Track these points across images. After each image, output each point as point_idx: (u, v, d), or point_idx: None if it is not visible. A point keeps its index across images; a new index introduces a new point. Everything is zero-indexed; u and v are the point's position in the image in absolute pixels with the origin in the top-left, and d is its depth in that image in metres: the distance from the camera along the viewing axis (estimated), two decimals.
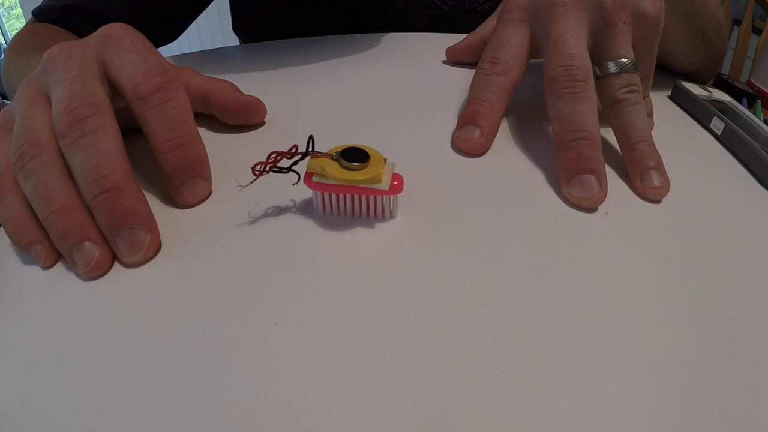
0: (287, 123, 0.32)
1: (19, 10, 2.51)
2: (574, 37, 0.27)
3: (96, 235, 0.21)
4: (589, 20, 0.27)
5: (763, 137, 0.31)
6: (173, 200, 0.25)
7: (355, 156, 0.22)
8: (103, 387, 0.17)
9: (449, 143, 0.29)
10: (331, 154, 0.22)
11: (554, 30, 0.27)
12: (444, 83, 0.37)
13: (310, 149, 0.22)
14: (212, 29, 2.04)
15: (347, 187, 0.22)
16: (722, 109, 0.34)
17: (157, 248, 0.22)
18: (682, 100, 0.36)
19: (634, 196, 0.26)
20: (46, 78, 0.23)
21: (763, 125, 0.32)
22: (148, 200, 0.22)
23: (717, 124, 0.32)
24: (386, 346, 0.18)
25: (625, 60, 0.27)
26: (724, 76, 0.47)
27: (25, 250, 0.22)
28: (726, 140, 0.31)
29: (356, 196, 0.23)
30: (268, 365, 0.17)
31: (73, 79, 0.22)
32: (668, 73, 0.42)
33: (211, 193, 0.25)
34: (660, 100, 0.36)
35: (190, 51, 0.46)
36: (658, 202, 0.25)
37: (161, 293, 0.20)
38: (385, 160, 0.23)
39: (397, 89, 0.36)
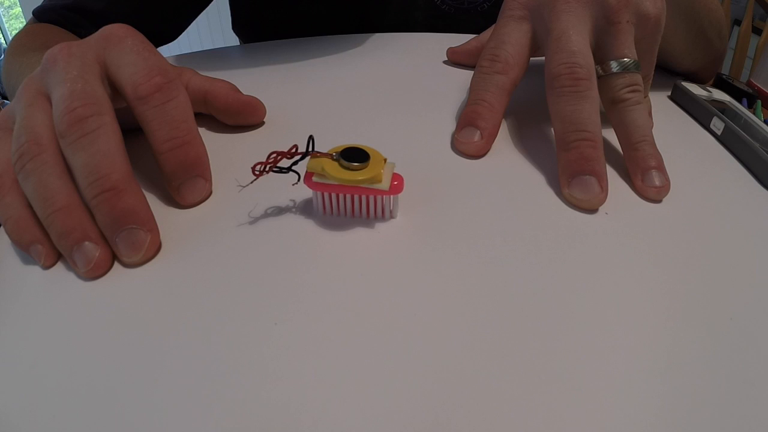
0: (287, 123, 0.32)
1: (19, 9, 2.51)
2: (578, 34, 0.27)
3: (96, 235, 0.21)
4: (591, 18, 0.27)
5: (763, 137, 0.31)
6: (173, 200, 0.25)
7: (355, 156, 0.22)
8: (103, 387, 0.17)
9: (449, 143, 0.29)
10: (331, 154, 0.22)
11: (557, 27, 0.27)
12: (444, 83, 0.37)
13: (310, 149, 0.22)
14: (212, 29, 2.04)
15: (347, 187, 0.22)
16: (722, 109, 0.34)
17: (157, 248, 0.22)
18: (682, 100, 0.36)
19: (635, 196, 0.26)
20: (46, 78, 0.23)
21: (763, 125, 0.32)
22: (148, 200, 0.22)
23: (717, 124, 0.32)
24: (386, 346, 0.18)
25: (628, 59, 0.27)
26: (724, 76, 0.47)
27: (25, 250, 0.22)
28: (726, 140, 0.31)
29: (356, 196, 0.23)
30: (268, 365, 0.17)
31: (74, 79, 0.22)
32: (668, 73, 0.42)
33: (211, 193, 0.25)
34: (660, 100, 0.36)
35: (190, 51, 0.46)
36: (658, 201, 0.25)
37: (161, 293, 0.20)
38: (385, 160, 0.23)
39: (397, 89, 0.36)
